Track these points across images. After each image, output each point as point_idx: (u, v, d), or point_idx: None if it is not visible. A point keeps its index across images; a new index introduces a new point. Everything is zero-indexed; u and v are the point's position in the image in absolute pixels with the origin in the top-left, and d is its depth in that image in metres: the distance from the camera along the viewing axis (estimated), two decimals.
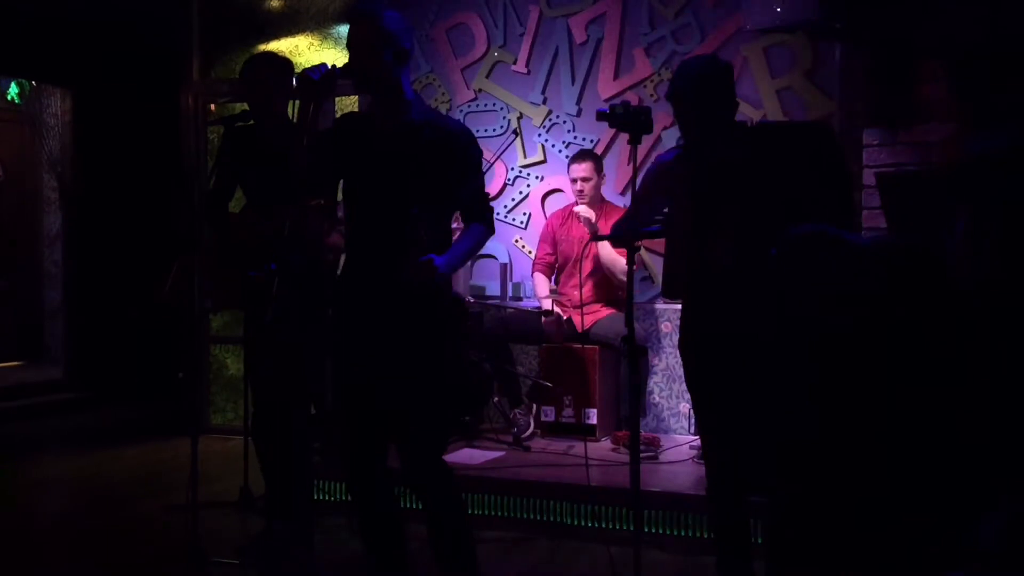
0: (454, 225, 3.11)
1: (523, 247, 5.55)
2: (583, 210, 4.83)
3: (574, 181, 4.95)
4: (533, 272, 5.19)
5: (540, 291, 5.10)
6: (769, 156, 2.85)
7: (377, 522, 2.96)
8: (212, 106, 6.18)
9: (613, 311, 4.92)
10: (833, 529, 2.71)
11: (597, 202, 4.98)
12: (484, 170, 3.04)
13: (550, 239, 5.13)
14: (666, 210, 3.02)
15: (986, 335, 2.51)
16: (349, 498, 3.07)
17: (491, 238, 3.06)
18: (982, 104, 2.81)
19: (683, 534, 3.74)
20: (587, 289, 4.95)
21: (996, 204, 2.60)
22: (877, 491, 2.66)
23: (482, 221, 2.96)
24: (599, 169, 4.98)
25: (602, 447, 4.62)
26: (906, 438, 2.68)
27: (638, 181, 2.83)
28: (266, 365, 3.64)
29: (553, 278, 5.20)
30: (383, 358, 2.83)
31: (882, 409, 2.68)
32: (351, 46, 2.81)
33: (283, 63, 3.76)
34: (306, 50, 6.02)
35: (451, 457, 4.41)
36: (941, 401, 2.60)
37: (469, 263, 5.26)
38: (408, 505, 4.02)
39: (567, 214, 5.11)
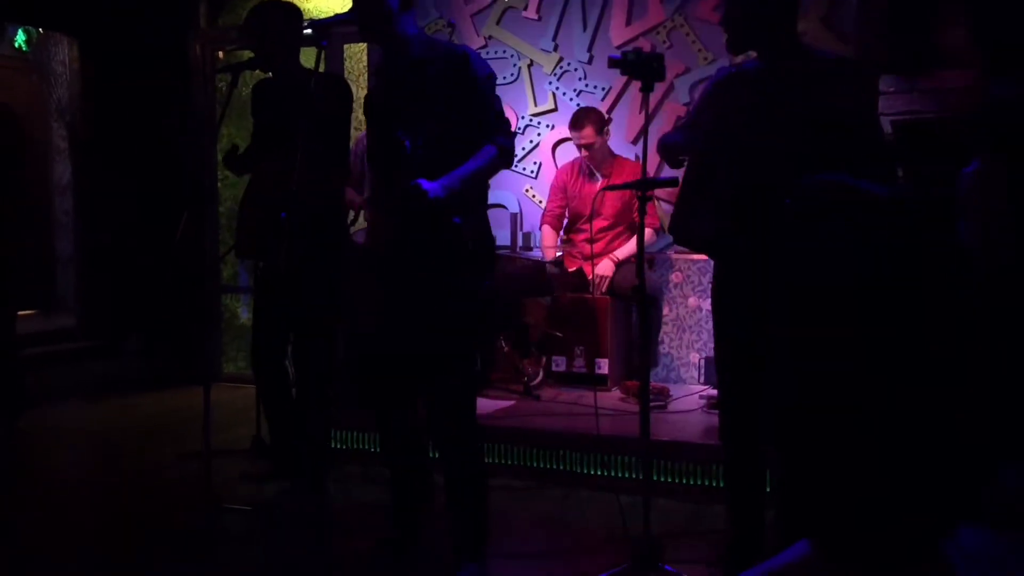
0: None
1: (533, 196, 5.52)
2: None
3: (579, 147, 4.89)
4: (542, 224, 5.15)
5: (547, 243, 5.07)
6: (825, 88, 2.67)
7: (406, 471, 2.99)
8: (220, 53, 6.13)
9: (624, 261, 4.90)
10: (834, 527, 2.69)
11: (607, 157, 4.93)
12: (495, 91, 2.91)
13: (561, 191, 5.07)
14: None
15: (990, 321, 2.47)
16: (378, 448, 3.10)
17: (506, 178, 2.99)
18: (1001, 49, 2.76)
19: (692, 483, 3.76)
20: (599, 243, 4.91)
21: (1010, 151, 2.56)
22: (877, 491, 2.64)
23: (493, 142, 2.82)
24: (600, 128, 4.88)
25: (612, 396, 4.63)
26: (906, 435, 2.66)
27: (697, 95, 2.71)
28: (272, 308, 3.66)
29: (563, 230, 5.17)
30: (405, 303, 2.83)
31: (882, 405, 2.65)
32: None
33: (290, 8, 3.71)
34: None
35: None
36: (943, 396, 2.56)
37: None
38: None
39: (577, 167, 5.05)
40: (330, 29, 2.80)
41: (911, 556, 0.77)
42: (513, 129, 5.42)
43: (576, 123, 4.90)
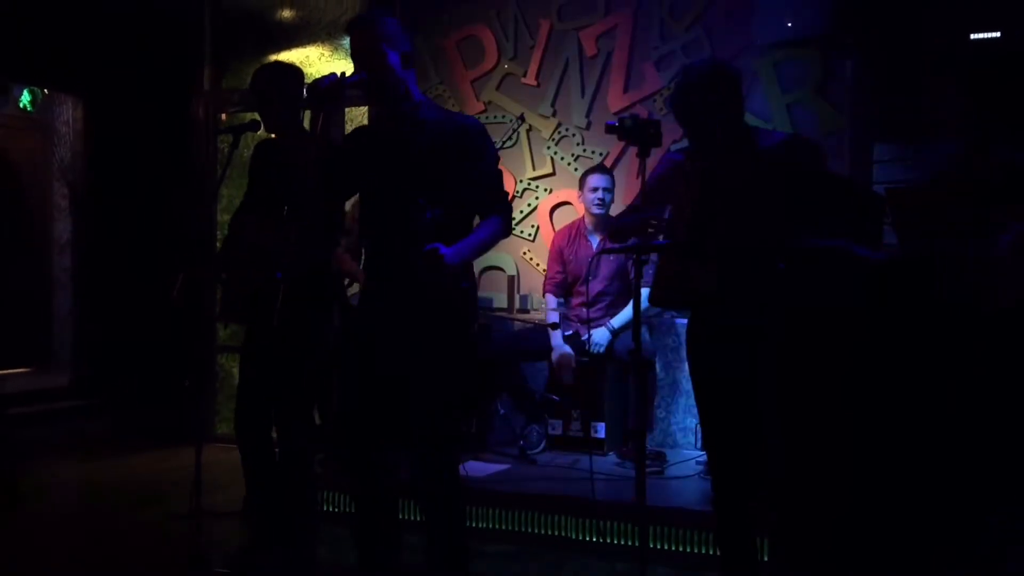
0: None
1: (531, 260, 5.54)
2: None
3: (595, 190, 4.86)
4: (544, 292, 5.12)
5: (550, 310, 5.05)
6: (773, 169, 2.80)
7: (378, 525, 2.97)
8: (223, 115, 6.19)
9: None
10: (834, 531, 2.68)
11: (608, 220, 4.94)
12: (496, 162, 3.01)
13: (558, 257, 5.04)
14: (666, 216, 2.97)
15: (990, 347, 2.48)
16: (352, 508, 3.08)
17: (504, 241, 3.04)
18: (997, 113, 2.80)
19: (689, 550, 3.70)
20: (595, 307, 4.89)
21: None
22: (877, 495, 2.64)
23: (498, 213, 2.94)
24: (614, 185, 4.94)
25: (608, 461, 4.59)
26: (906, 445, 2.66)
27: (649, 174, 2.81)
28: (259, 373, 3.64)
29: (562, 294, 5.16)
30: (402, 357, 2.84)
31: (883, 417, 2.66)
32: (355, 54, 2.84)
33: (294, 72, 3.75)
34: (317, 60, 6.03)
35: None
36: (942, 410, 2.58)
37: (477, 274, 5.22)
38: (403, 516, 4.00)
39: (574, 231, 5.05)
40: (337, 92, 2.80)
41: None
42: (512, 194, 5.50)
43: (597, 169, 4.92)
